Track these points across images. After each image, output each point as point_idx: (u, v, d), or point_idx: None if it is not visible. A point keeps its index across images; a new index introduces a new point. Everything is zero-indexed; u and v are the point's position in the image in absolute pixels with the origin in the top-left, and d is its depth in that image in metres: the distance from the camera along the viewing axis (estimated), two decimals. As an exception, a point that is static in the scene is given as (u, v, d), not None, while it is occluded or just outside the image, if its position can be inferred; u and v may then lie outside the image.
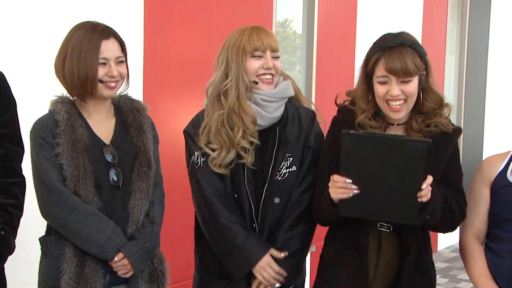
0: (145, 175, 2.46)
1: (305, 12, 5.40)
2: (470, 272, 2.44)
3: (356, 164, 2.23)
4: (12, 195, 2.34)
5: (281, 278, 2.48)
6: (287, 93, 2.54)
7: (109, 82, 2.39)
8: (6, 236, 2.29)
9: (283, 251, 2.48)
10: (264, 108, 2.47)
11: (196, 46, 3.52)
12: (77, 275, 2.34)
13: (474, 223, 2.44)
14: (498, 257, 2.34)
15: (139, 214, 2.44)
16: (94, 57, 2.35)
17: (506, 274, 2.32)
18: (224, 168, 2.47)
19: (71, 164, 2.31)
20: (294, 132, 2.56)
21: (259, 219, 2.54)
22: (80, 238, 2.33)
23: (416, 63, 2.29)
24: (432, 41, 6.83)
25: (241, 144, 2.45)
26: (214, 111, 2.49)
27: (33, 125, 2.38)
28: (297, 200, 2.54)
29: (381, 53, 2.31)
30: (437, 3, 7.00)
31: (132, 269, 2.39)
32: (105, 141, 2.43)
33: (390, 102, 2.29)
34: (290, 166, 2.52)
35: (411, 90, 2.28)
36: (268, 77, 2.45)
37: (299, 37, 5.50)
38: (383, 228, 2.37)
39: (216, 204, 2.50)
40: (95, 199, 2.35)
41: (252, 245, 2.46)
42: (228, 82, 2.44)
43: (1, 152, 2.30)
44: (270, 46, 2.45)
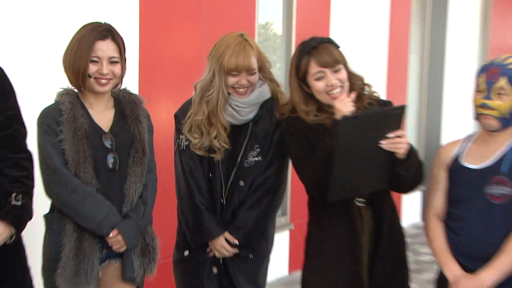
0: (139, 161, 2.57)
1: (284, 16, 5.58)
2: (432, 247, 2.56)
3: (349, 145, 2.33)
4: (24, 168, 2.39)
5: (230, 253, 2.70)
6: (261, 99, 2.72)
7: (100, 78, 2.50)
8: (27, 204, 2.35)
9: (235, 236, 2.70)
10: (238, 112, 2.67)
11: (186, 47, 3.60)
12: (76, 248, 2.45)
13: (435, 203, 2.56)
14: (455, 234, 2.45)
15: (133, 196, 2.55)
16: (86, 54, 2.47)
17: (463, 250, 2.42)
18: (204, 150, 2.67)
19: (72, 149, 2.43)
20: (264, 127, 2.73)
21: (226, 196, 2.75)
22: (80, 215, 2.44)
23: (337, 52, 2.49)
24: (398, 43, 7.22)
25: (214, 144, 2.66)
26: (198, 109, 2.68)
27: (40, 114, 2.49)
28: (259, 185, 2.74)
29: (308, 55, 2.48)
30: (402, 10, 7.24)
31: (125, 244, 2.51)
32: (105, 129, 2.54)
33: (330, 92, 2.45)
34: (257, 156, 2.72)
35: (343, 76, 2.46)
36: (241, 90, 2.64)
37: (279, 38, 5.68)
38: (361, 203, 2.51)
39: (192, 185, 2.70)
40: (94, 181, 2.46)
41: (211, 226, 2.68)
42: (210, 94, 2.63)
43: (11, 131, 2.36)
44: (244, 68, 2.62)
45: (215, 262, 2.76)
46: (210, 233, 2.70)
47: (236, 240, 2.70)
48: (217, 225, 2.71)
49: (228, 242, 2.71)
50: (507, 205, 2.33)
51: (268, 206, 2.77)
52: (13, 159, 2.35)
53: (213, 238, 2.69)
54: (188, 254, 2.80)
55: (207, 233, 2.70)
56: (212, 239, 2.70)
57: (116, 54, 2.53)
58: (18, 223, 2.32)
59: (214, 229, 2.70)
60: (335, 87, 2.45)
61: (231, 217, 2.76)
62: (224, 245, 2.69)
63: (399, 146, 2.30)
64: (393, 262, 2.59)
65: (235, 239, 2.70)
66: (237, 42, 2.67)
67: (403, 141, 2.31)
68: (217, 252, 2.72)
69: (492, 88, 2.34)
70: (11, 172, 2.33)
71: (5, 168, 2.32)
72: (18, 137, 2.40)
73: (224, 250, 2.70)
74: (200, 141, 2.68)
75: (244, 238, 2.73)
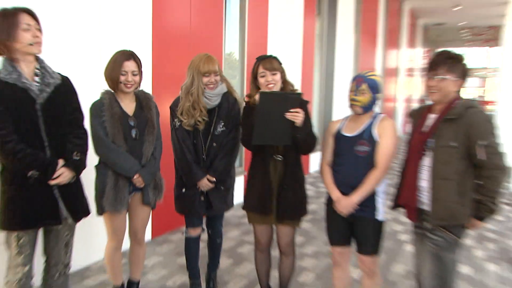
0: (151, 133, 2.87)
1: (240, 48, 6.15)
2: (324, 182, 2.79)
3: (265, 110, 2.59)
4: (81, 138, 2.54)
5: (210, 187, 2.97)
6: (221, 92, 2.98)
7: (127, 84, 2.77)
8: (83, 159, 2.51)
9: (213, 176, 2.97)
10: (210, 100, 2.94)
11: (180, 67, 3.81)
12: (114, 185, 2.79)
13: (326, 156, 2.81)
14: (337, 173, 2.72)
15: (148, 154, 2.85)
16: (118, 69, 2.74)
17: (341, 183, 2.69)
18: (190, 127, 2.94)
19: (110, 126, 2.74)
20: (225, 109, 3.00)
21: (206, 154, 3.01)
22: (116, 166, 2.76)
23: (277, 64, 2.78)
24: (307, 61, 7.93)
25: (198, 119, 2.91)
26: (185, 100, 2.92)
27: (91, 105, 2.79)
28: (224, 146, 3.01)
29: (259, 61, 2.79)
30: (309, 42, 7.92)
31: (143, 182, 2.84)
32: (130, 114, 2.83)
33: (267, 86, 2.75)
34: (222, 127, 2.99)
35: (277, 78, 2.76)
36: (211, 86, 2.92)
37: (237, 62, 6.19)
38: (278, 158, 2.82)
39: (184, 148, 2.96)
40: (124, 145, 2.78)
41: (197, 172, 2.96)
42: (193, 89, 2.89)
43: (76, 116, 2.53)
44: (212, 71, 2.91)
45: (202, 193, 3.01)
46: (197, 176, 2.95)
47: (213, 178, 2.97)
48: (201, 172, 2.96)
49: (208, 180, 2.97)
50: (366, 157, 2.62)
51: (230, 158, 3.04)
52: (76, 133, 2.51)
53: (200, 179, 2.95)
54: (185, 191, 3.03)
55: (196, 177, 2.95)
56: (199, 180, 2.96)
57: (136, 69, 2.79)
58: (76, 170, 2.47)
59: (199, 174, 2.95)
60: (270, 83, 2.74)
61: (209, 165, 3.00)
62: (206, 183, 2.96)
63: (297, 117, 2.59)
64: (293, 192, 2.82)
65: (213, 178, 2.98)
66: (206, 57, 2.93)
67: (299, 115, 2.58)
68: (202, 188, 2.99)
69: (358, 89, 2.62)
70: (74, 140, 2.49)
71: (71, 138, 2.48)
72: (79, 120, 2.55)
73: (206, 185, 2.98)
74: (188, 121, 2.92)
75: (217, 177, 2.99)
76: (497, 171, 2.35)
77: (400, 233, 5.13)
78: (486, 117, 2.38)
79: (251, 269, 3.84)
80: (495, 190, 2.37)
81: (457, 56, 2.44)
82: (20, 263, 2.43)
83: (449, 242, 2.45)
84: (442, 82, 2.41)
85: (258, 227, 2.97)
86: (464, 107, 2.38)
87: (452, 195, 2.40)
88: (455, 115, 2.38)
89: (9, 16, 2.26)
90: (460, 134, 2.36)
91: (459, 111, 2.38)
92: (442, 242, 2.45)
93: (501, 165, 2.36)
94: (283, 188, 2.82)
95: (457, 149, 2.37)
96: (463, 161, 2.38)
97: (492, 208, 2.38)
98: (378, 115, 2.73)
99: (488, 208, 2.39)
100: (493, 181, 2.36)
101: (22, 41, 2.28)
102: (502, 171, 2.36)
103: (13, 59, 2.31)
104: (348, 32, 9.94)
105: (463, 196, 2.40)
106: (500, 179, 2.36)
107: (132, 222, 3.00)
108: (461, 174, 2.38)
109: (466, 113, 2.37)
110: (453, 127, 2.38)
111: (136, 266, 3.11)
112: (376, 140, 2.64)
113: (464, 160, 2.38)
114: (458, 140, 2.36)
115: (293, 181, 2.85)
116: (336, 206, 2.71)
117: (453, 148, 2.37)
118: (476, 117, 2.36)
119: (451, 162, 2.38)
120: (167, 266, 3.96)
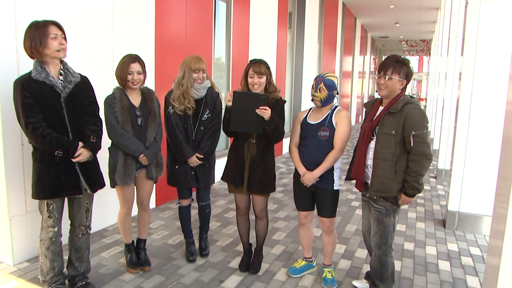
0: (154, 121, 2.84)
1: (227, 53, 6.09)
2: (293, 160, 2.79)
3: (239, 103, 2.61)
4: (97, 125, 2.53)
5: (197, 163, 2.94)
6: (207, 86, 2.95)
7: (133, 82, 2.74)
8: (98, 142, 2.50)
9: (200, 153, 2.94)
10: (197, 91, 2.92)
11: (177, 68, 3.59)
12: (124, 163, 2.78)
13: (294, 139, 2.79)
14: (303, 153, 2.73)
15: (150, 138, 2.83)
16: (125, 70, 2.71)
17: (306, 160, 2.70)
18: (181, 112, 2.91)
19: (121, 115, 2.72)
20: (210, 100, 2.98)
21: (194, 136, 2.98)
22: (125, 147, 2.74)
23: (265, 69, 2.70)
24: (280, 64, 7.85)
25: (187, 106, 2.88)
26: (176, 90, 2.90)
27: (105, 99, 2.76)
28: (209, 129, 2.99)
29: (251, 64, 2.72)
30: (282, 43, 7.83)
31: (147, 160, 2.82)
32: (136, 106, 2.80)
33: (253, 85, 2.71)
34: (208, 114, 2.98)
35: (262, 81, 2.70)
36: (199, 81, 2.90)
37: (224, 65, 6.09)
38: (252, 141, 2.79)
39: (176, 131, 2.93)
40: (131, 131, 2.75)
41: (188, 150, 2.93)
42: (183, 82, 2.87)
43: (92, 108, 2.51)
44: (201, 69, 2.90)
45: (192, 169, 3.00)
46: (188, 154, 2.93)
47: (201, 155, 2.96)
48: (191, 150, 2.93)
49: (197, 157, 2.95)
50: (326, 140, 2.64)
51: (214, 139, 3.02)
52: (92, 121, 2.51)
53: (190, 157, 2.93)
54: (178, 167, 3.00)
55: (186, 154, 2.93)
56: (189, 157, 2.93)
57: (140, 69, 2.76)
58: (93, 150, 2.46)
59: (189, 152, 2.92)
60: (256, 84, 2.69)
61: (197, 145, 2.97)
62: (195, 159, 2.94)
63: (265, 113, 2.58)
64: (263, 171, 2.77)
65: (200, 155, 2.96)
66: (196, 57, 2.92)
67: (267, 112, 2.57)
68: (191, 164, 2.96)
69: (318, 87, 2.62)
70: (91, 127, 2.48)
71: (89, 125, 2.47)
72: (95, 110, 2.54)
73: (195, 162, 2.96)
74: (179, 107, 2.88)
75: (204, 155, 2.97)
76: (422, 157, 2.33)
77: (352, 200, 5.20)
78: (420, 112, 2.36)
79: (235, 230, 3.88)
80: (419, 172, 2.34)
81: (403, 60, 2.42)
82: (51, 224, 2.47)
83: (388, 209, 2.46)
84: (389, 81, 2.39)
85: (237, 196, 2.94)
86: (402, 103, 2.37)
87: (387, 173, 2.39)
88: (395, 110, 2.37)
89: (41, 27, 2.28)
90: (397, 125, 2.35)
91: (398, 106, 2.37)
92: (383, 209, 2.47)
93: (426, 153, 2.33)
94: (252, 167, 2.79)
95: (394, 136, 2.35)
96: (398, 146, 2.37)
97: (416, 187, 2.36)
98: (336, 107, 2.72)
99: (413, 186, 2.36)
100: (418, 165, 2.34)
101: (50, 48, 2.29)
102: (426, 157, 2.33)
103: (43, 61, 2.33)
104: (313, 41, 9.95)
105: (396, 174, 2.39)
106: (423, 164, 2.33)
107: (139, 193, 2.98)
108: (397, 157, 2.37)
109: (404, 108, 2.36)
110: (393, 119, 2.37)
111: (143, 228, 3.10)
112: (334, 127, 2.65)
113: (399, 146, 2.37)
114: (396, 129, 2.35)
115: (262, 162, 2.79)
116: (302, 179, 2.71)
117: (391, 136, 2.36)
118: (411, 112, 2.34)
119: (389, 146, 2.37)
120: (168, 228, 3.96)
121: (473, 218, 4.16)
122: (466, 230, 4.20)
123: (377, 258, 2.55)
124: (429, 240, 3.94)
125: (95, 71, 3.37)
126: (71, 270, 2.69)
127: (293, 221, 4.27)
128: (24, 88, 2.24)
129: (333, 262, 3.16)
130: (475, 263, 3.43)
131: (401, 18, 14.80)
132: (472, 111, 4.02)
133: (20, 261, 3.06)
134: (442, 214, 4.78)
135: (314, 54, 10.13)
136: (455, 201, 4.20)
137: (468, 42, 3.99)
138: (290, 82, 9.00)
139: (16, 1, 2.85)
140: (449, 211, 4.26)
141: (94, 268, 3.02)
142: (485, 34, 3.91)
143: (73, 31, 3.22)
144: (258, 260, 3.08)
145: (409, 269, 3.23)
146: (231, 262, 3.21)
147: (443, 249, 3.71)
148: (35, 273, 2.86)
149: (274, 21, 7.41)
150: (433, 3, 12.18)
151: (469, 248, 3.77)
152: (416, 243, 3.81)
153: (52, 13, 3.10)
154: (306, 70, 9.39)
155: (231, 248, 3.52)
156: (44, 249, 2.49)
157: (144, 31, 4.17)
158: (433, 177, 6.91)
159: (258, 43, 6.76)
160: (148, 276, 2.96)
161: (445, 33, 9.10)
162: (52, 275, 2.53)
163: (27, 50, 2.30)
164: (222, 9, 5.95)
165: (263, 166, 2.80)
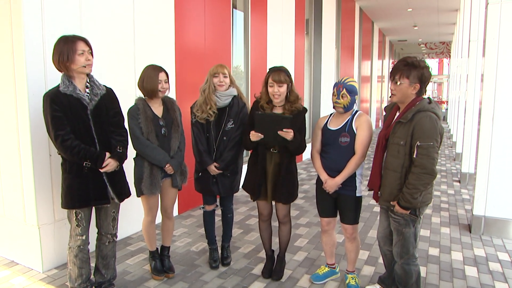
0: (177, 130, 2.86)
1: (245, 62, 6.12)
2: (315, 167, 2.76)
3: (261, 126, 2.61)
4: (123, 136, 2.56)
5: (216, 173, 2.94)
6: (231, 94, 2.95)
7: (162, 91, 2.80)
8: (124, 152, 2.53)
9: (219, 164, 2.94)
10: (219, 98, 2.93)
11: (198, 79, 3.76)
12: (150, 173, 2.81)
13: (316, 145, 2.76)
14: (325, 159, 2.71)
15: (175, 147, 2.85)
16: (156, 79, 2.75)
17: (328, 167, 2.69)
18: (204, 121, 2.93)
19: (145, 126, 2.74)
20: (235, 110, 2.96)
21: (216, 146, 2.99)
22: (150, 158, 2.76)
23: (285, 77, 2.67)
24: (299, 70, 7.84)
25: (209, 112, 2.89)
26: (200, 97, 2.94)
27: (128, 110, 2.79)
28: (232, 139, 2.98)
29: (271, 72, 2.69)
30: (300, 50, 7.84)
31: (172, 170, 2.85)
32: (159, 116, 2.82)
33: (274, 95, 2.69)
34: (231, 124, 2.97)
35: (283, 90, 2.67)
36: (221, 86, 2.91)
37: (243, 73, 6.12)
38: (274, 151, 2.77)
39: (197, 140, 2.97)
40: (156, 141, 2.77)
41: (206, 160, 2.95)
42: (206, 88, 2.92)
43: (117, 119, 2.54)
44: (220, 72, 2.91)
45: (213, 177, 3.01)
46: (206, 163, 2.95)
47: (218, 165, 2.94)
48: (209, 159, 2.94)
49: (215, 167, 2.96)
50: (348, 146, 2.62)
51: (237, 150, 3.00)
52: (118, 131, 2.53)
53: (208, 166, 2.96)
54: (200, 174, 3.04)
55: (204, 164, 2.96)
56: (207, 166, 2.96)
57: (166, 78, 2.82)
58: (120, 160, 2.49)
59: (208, 161, 2.95)
60: (276, 94, 2.67)
61: (219, 156, 2.97)
62: (213, 169, 2.96)
63: (288, 135, 2.56)
64: (289, 182, 2.75)
65: (219, 165, 2.95)
66: (218, 64, 2.96)
67: (290, 134, 2.56)
68: (211, 172, 2.97)
69: (339, 93, 2.58)
70: (117, 138, 2.51)
71: (114, 135, 2.50)
72: (120, 121, 2.57)
73: (213, 171, 2.96)
74: (201, 115, 2.91)
75: (225, 165, 2.97)
76: (422, 170, 2.20)
77: (374, 206, 5.13)
78: (431, 122, 2.20)
79: (257, 237, 3.87)
80: (415, 186, 2.21)
81: (413, 62, 2.27)
82: (79, 233, 2.50)
83: (406, 220, 2.38)
84: (399, 86, 2.30)
85: (259, 202, 2.94)
86: (414, 111, 2.25)
87: (396, 184, 2.33)
88: (404, 120, 2.28)
89: (69, 43, 2.32)
90: (407, 134, 2.26)
91: (408, 116, 2.27)
92: (401, 220, 2.40)
93: (427, 167, 2.19)
94: (277, 178, 2.77)
95: (403, 147, 2.27)
96: (408, 157, 2.28)
97: (409, 200, 2.25)
98: (357, 112, 2.69)
99: (406, 199, 2.26)
100: (415, 178, 2.22)
101: (77, 63, 2.34)
102: (425, 172, 2.19)
103: (70, 76, 2.38)
104: (331, 47, 9.91)
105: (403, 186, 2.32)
106: (422, 178, 2.20)
107: (163, 201, 3.00)
108: (406, 168, 2.29)
109: (414, 117, 2.25)
110: (403, 129, 2.29)
111: (167, 235, 3.13)
112: (354, 132, 2.62)
113: (408, 157, 2.28)
114: (405, 140, 2.27)
115: (286, 173, 2.76)
116: (324, 185, 2.71)
117: (401, 146, 2.28)
118: (421, 121, 2.22)
119: (398, 157, 2.30)
120: (191, 236, 3.99)
121: (500, 222, 4.06)
122: (493, 235, 4.09)
123: (400, 267, 2.49)
124: (455, 245, 3.85)
125: (118, 82, 3.41)
126: (98, 277, 2.73)
127: (315, 227, 4.25)
128: (53, 101, 2.29)
129: (356, 268, 3.12)
130: (504, 269, 3.34)
131: (419, 20, 14.63)
132: (495, 112, 3.94)
133: (49, 268, 3.12)
134: (468, 218, 4.68)
135: (332, 59, 10.08)
136: (481, 205, 4.11)
137: (489, 43, 3.93)
138: (308, 88, 8.98)
139: (43, 16, 2.92)
140: (474, 216, 4.17)
141: (119, 275, 3.06)
142: (507, 35, 3.84)
143: (97, 43, 3.25)
144: (281, 266, 3.07)
145: (435, 275, 3.17)
146: (254, 269, 3.21)
147: (469, 254, 3.63)
148: (63, 280, 2.93)
149: (291, 28, 7.42)
150: (452, 4, 11.99)
151: (497, 253, 3.68)
152: (441, 249, 3.74)
153: (76, 26, 3.16)
154: (324, 76, 9.36)
155: (253, 254, 3.51)
156: (72, 256, 2.52)
157: (165, 42, 4.22)
158: (457, 181, 6.77)
159: (276, 50, 6.79)
160: (172, 282, 2.99)
161: (465, 34, 8.96)
162: (80, 281, 2.56)
163: (55, 64, 2.35)
164: (239, 18, 6.01)
165: (289, 177, 2.77)
